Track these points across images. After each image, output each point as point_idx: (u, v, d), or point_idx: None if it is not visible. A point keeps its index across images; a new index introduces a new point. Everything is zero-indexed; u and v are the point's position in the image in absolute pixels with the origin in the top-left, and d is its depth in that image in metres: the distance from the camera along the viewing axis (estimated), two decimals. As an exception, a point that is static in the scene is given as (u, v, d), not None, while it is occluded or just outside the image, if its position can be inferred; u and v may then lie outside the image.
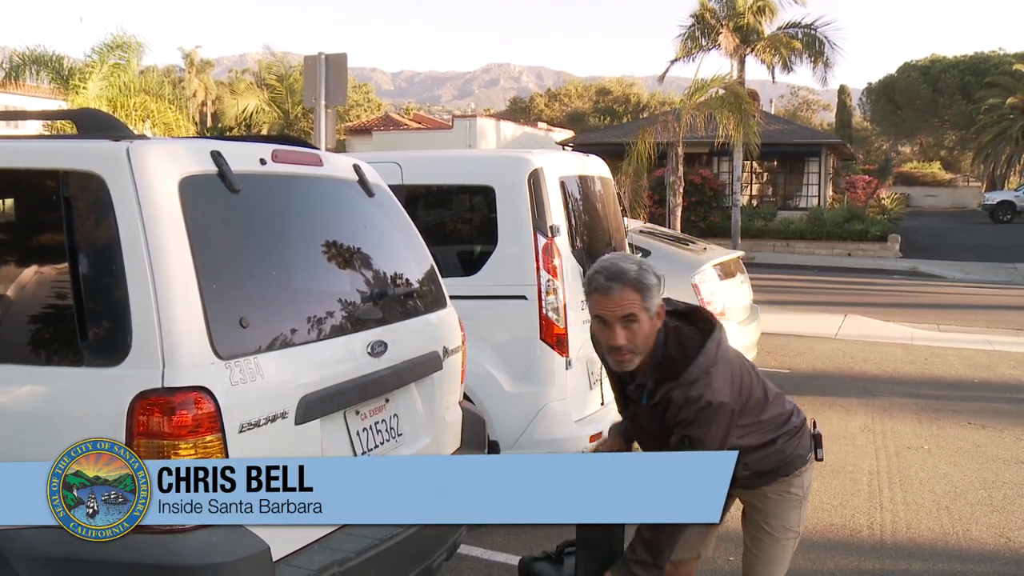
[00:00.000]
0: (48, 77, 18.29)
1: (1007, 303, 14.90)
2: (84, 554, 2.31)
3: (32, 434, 2.44)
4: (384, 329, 3.07)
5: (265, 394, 2.52)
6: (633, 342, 2.42)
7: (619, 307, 2.39)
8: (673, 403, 2.44)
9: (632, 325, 2.40)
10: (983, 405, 7.41)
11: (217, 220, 2.65)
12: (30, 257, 2.69)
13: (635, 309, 2.39)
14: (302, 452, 2.60)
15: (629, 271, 2.41)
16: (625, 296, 2.39)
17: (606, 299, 2.41)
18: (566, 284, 4.61)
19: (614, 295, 2.39)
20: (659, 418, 2.49)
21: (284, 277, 2.94)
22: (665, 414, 2.47)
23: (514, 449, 4.55)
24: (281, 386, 2.59)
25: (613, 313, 2.40)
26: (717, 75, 19.02)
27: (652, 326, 2.45)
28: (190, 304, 2.38)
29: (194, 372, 2.34)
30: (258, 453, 2.40)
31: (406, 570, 2.86)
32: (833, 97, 56.64)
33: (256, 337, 2.58)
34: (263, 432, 2.49)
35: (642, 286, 2.40)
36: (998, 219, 33.34)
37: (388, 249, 3.49)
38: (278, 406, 2.56)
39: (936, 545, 4.52)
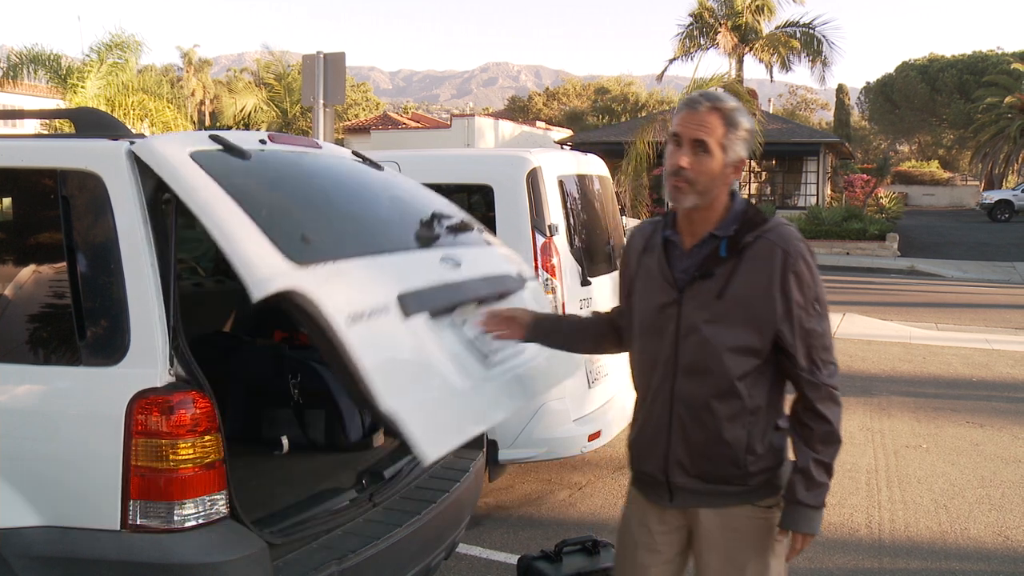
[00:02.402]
0: (46, 76, 18.29)
1: (1005, 302, 14.91)
2: (82, 553, 2.32)
3: (31, 434, 2.44)
4: (450, 249, 3.07)
5: (357, 289, 2.43)
6: (696, 172, 2.14)
7: (698, 127, 2.14)
8: (770, 248, 2.13)
9: (702, 154, 2.14)
10: (981, 404, 7.42)
11: (239, 171, 2.61)
12: (28, 256, 2.69)
13: (711, 138, 2.13)
14: (419, 347, 2.54)
15: (727, 100, 2.18)
16: (709, 119, 2.14)
17: (689, 113, 2.16)
18: (564, 283, 4.61)
19: (699, 111, 2.15)
20: (740, 288, 2.15)
21: (330, 207, 2.98)
22: (752, 275, 2.14)
23: (512, 448, 4.55)
24: (371, 283, 2.51)
25: (688, 131, 2.15)
26: (716, 74, 19.08)
27: (723, 170, 2.17)
28: (249, 230, 2.28)
29: (279, 280, 2.20)
30: (375, 346, 2.32)
31: (405, 569, 2.86)
32: (831, 96, 56.67)
33: (325, 249, 2.53)
34: (373, 324, 2.38)
35: (731, 120, 2.15)
36: (996, 218, 33.37)
37: (419, 195, 3.53)
38: (378, 300, 2.46)
39: (934, 544, 4.52)
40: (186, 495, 2.33)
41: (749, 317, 2.15)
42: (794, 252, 2.13)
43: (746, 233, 2.17)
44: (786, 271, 2.12)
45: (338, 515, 2.83)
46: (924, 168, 53.46)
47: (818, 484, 2.20)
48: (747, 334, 2.16)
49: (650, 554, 2.39)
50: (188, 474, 2.33)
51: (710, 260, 2.19)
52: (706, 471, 2.25)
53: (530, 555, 3.53)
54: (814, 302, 2.16)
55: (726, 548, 2.29)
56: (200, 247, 5.06)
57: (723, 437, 2.20)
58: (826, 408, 2.20)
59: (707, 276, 2.18)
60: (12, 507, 2.38)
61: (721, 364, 2.18)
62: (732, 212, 2.22)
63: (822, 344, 2.18)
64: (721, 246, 2.18)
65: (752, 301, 2.15)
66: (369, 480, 3.14)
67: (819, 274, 2.19)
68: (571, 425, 4.65)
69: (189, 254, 4.88)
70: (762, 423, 2.23)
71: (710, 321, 2.18)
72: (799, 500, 2.20)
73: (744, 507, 2.27)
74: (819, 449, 2.21)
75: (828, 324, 2.21)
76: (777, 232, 2.17)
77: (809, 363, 2.17)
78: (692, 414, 2.23)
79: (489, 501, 4.95)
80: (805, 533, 2.23)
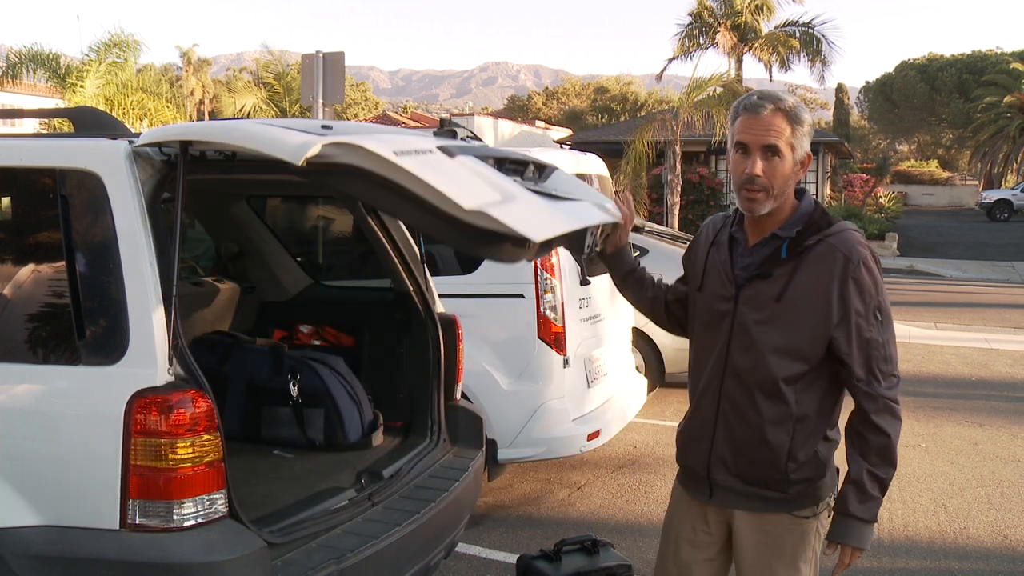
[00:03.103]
0: (45, 75, 18.28)
1: (1004, 301, 14.92)
2: (82, 552, 2.32)
3: (30, 433, 2.43)
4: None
5: (398, 143, 2.27)
6: (771, 177, 2.10)
7: (766, 132, 2.09)
8: (831, 253, 2.09)
9: (773, 158, 2.10)
10: (980, 403, 7.43)
11: None
12: (27, 255, 2.68)
13: (781, 141, 2.09)
14: (480, 172, 2.40)
15: (786, 99, 2.13)
16: (775, 121, 2.09)
17: (754, 119, 2.10)
18: (563, 282, 4.61)
19: (763, 115, 2.10)
20: (798, 291, 2.11)
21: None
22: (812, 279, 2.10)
23: (511, 448, 4.56)
24: (410, 139, 2.42)
25: (757, 138, 2.10)
26: (715, 73, 19.02)
27: (793, 170, 2.13)
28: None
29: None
30: (432, 168, 2.18)
31: (404, 568, 2.86)
32: (831, 95, 56.65)
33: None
34: (421, 158, 2.25)
35: (795, 118, 2.11)
36: (995, 217, 33.37)
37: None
38: (419, 145, 2.36)
39: (933, 543, 4.52)
40: (185, 494, 2.33)
41: (802, 321, 2.12)
42: (856, 258, 2.09)
43: (809, 236, 2.13)
44: (846, 277, 2.08)
45: (337, 514, 2.83)
46: (923, 168, 53.47)
47: (871, 497, 2.15)
48: (798, 338, 2.13)
49: (693, 549, 2.38)
50: (187, 473, 2.33)
51: (769, 261, 2.17)
52: (746, 471, 2.23)
53: (529, 554, 3.53)
54: (875, 311, 2.11)
55: (759, 554, 2.26)
56: (200, 247, 5.07)
57: (766, 439, 2.17)
58: (883, 421, 2.14)
59: (765, 276, 2.15)
60: (11, 506, 2.37)
61: (766, 366, 2.15)
62: (798, 213, 2.18)
63: (883, 355, 2.13)
64: (782, 248, 2.15)
65: (808, 305, 2.11)
66: (368, 479, 3.14)
67: (883, 281, 2.14)
68: (570, 425, 4.65)
69: (189, 254, 4.88)
70: (808, 431, 2.19)
71: (761, 322, 2.16)
72: (851, 512, 2.14)
73: (781, 515, 2.23)
74: (874, 462, 2.15)
75: (891, 334, 2.15)
76: (840, 237, 2.12)
77: (867, 373, 2.12)
78: (737, 413, 2.21)
79: (488, 500, 4.95)
80: (855, 547, 2.17)
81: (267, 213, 4.96)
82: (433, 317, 3.67)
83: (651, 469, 5.60)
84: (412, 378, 3.72)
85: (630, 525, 4.61)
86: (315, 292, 4.63)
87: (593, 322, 4.98)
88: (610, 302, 5.29)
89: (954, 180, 52.92)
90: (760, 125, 2.10)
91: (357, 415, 3.63)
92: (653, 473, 5.51)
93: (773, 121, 2.10)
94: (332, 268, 5.54)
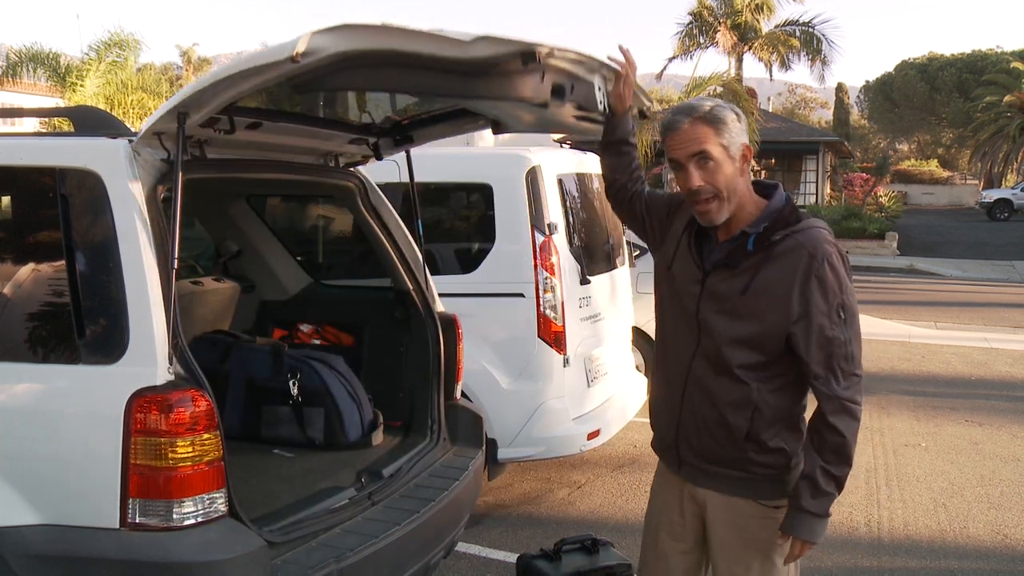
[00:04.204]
0: (45, 74, 18.25)
1: (1004, 301, 14.91)
2: (82, 552, 2.32)
3: (30, 432, 2.43)
4: None
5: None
6: (712, 183, 2.12)
7: (689, 143, 2.12)
8: (796, 249, 2.09)
9: (707, 164, 2.11)
10: (980, 403, 7.43)
11: None
12: (27, 254, 2.68)
13: (707, 145, 2.11)
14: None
15: (701, 106, 2.15)
16: (695, 130, 2.12)
17: (675, 135, 2.15)
18: (564, 282, 4.61)
19: (683, 129, 2.13)
20: (762, 284, 2.13)
21: None
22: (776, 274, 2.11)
23: (511, 447, 4.56)
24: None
25: (684, 151, 2.13)
26: (715, 73, 19.05)
27: (735, 168, 2.14)
28: None
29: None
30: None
31: (404, 567, 2.86)
32: (831, 95, 56.64)
33: None
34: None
35: (714, 119, 2.12)
36: (995, 217, 33.37)
37: None
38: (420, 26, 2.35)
39: (933, 542, 4.52)
40: (185, 493, 2.33)
41: (764, 315, 2.14)
42: (820, 255, 2.09)
43: (776, 231, 2.14)
44: (809, 274, 2.08)
45: (337, 513, 2.83)
46: (923, 167, 53.42)
47: (824, 493, 2.17)
48: (758, 331, 2.15)
49: (671, 540, 2.44)
50: (187, 472, 2.33)
51: (737, 252, 2.18)
52: (709, 450, 2.28)
53: (529, 554, 3.53)
54: (839, 309, 2.10)
55: (732, 545, 2.30)
56: (200, 246, 5.06)
57: (726, 420, 2.22)
58: (839, 421, 2.12)
59: (732, 268, 2.17)
60: (11, 506, 2.37)
61: (727, 353, 2.18)
62: (768, 209, 2.19)
63: (844, 353, 2.11)
64: (749, 241, 2.16)
65: (770, 300, 2.13)
66: (368, 479, 3.14)
67: (849, 279, 2.14)
68: (570, 424, 4.65)
69: (189, 253, 4.88)
70: (768, 419, 2.21)
71: (724, 312, 2.18)
72: (803, 507, 2.17)
73: (749, 502, 2.27)
74: (829, 460, 2.15)
75: (855, 333, 2.13)
76: (807, 234, 2.12)
77: (826, 371, 2.11)
78: (702, 393, 2.25)
79: (488, 500, 4.95)
80: (804, 540, 2.20)
81: (267, 212, 4.96)
82: (433, 316, 3.67)
83: (651, 468, 5.56)
84: (412, 377, 3.72)
85: (630, 524, 4.61)
86: (315, 291, 4.63)
87: (593, 321, 4.98)
88: (610, 302, 5.29)
89: (954, 179, 52.88)
90: (682, 139, 2.14)
91: (357, 414, 3.63)
92: (653, 472, 5.50)
93: (693, 131, 2.13)
94: (332, 267, 5.54)
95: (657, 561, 2.47)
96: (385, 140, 3.51)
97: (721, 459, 2.27)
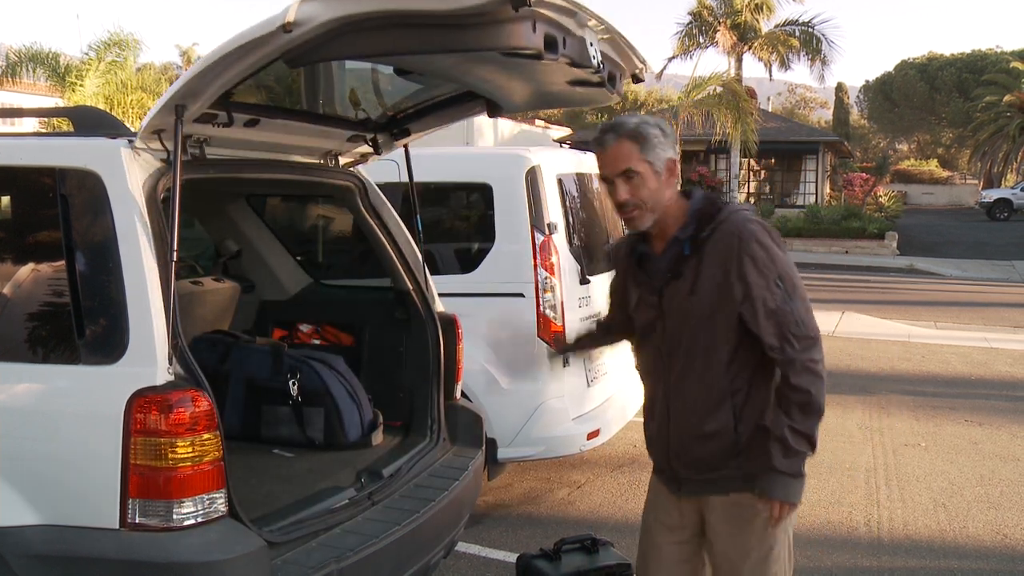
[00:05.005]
0: (45, 74, 18.26)
1: (1004, 300, 14.91)
2: (81, 552, 2.31)
3: (30, 432, 2.43)
4: None
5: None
6: (637, 196, 2.24)
7: (615, 161, 2.25)
8: (725, 238, 2.22)
9: (632, 179, 2.23)
10: (980, 402, 7.43)
11: None
12: (27, 254, 2.68)
13: (632, 163, 2.23)
14: None
15: (627, 123, 2.27)
16: (621, 148, 2.24)
17: (603, 153, 2.27)
18: (563, 281, 4.61)
19: (610, 148, 2.25)
20: (706, 281, 2.24)
21: None
22: (714, 266, 2.22)
23: (511, 447, 4.56)
24: None
25: (611, 168, 2.26)
26: (715, 73, 19.08)
27: (659, 182, 2.25)
28: None
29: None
30: None
31: (404, 567, 2.86)
32: (831, 95, 56.66)
33: None
34: None
35: (639, 136, 2.23)
36: (995, 217, 33.39)
37: None
38: None
39: (933, 542, 4.52)
40: (185, 494, 2.33)
41: (716, 307, 2.24)
42: (746, 235, 2.21)
43: (704, 228, 2.26)
44: (741, 256, 2.20)
45: (337, 514, 2.83)
46: (923, 167, 53.47)
47: (795, 452, 2.23)
48: (712, 324, 2.26)
49: (666, 531, 2.52)
50: (187, 473, 2.33)
51: (677, 261, 2.29)
52: (700, 459, 2.35)
53: (529, 554, 3.53)
54: (777, 280, 2.20)
55: (730, 532, 2.37)
56: (200, 246, 5.06)
57: (713, 421, 2.30)
58: (802, 380, 2.21)
59: (678, 276, 2.28)
60: (11, 506, 2.37)
61: (693, 360, 2.29)
62: (690, 212, 2.30)
63: (792, 320, 2.20)
64: (685, 246, 2.28)
65: (716, 291, 2.24)
66: (368, 479, 3.14)
67: (782, 251, 2.24)
68: (570, 424, 4.65)
69: (189, 253, 4.88)
70: (752, 406, 2.30)
71: (685, 317, 2.29)
72: (775, 467, 2.24)
73: (745, 494, 2.33)
74: (795, 417, 2.22)
75: (800, 299, 2.23)
76: (730, 221, 2.25)
77: (780, 341, 2.21)
78: (682, 405, 2.35)
79: (488, 500, 4.96)
80: (782, 500, 2.26)
81: (267, 212, 4.96)
82: (433, 316, 3.67)
83: (650, 468, 5.59)
84: (412, 377, 3.72)
85: (630, 524, 4.60)
86: (315, 291, 4.63)
87: (593, 321, 4.97)
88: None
89: (954, 179, 52.94)
90: (609, 157, 2.27)
91: (357, 414, 3.63)
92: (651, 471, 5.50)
93: (619, 150, 2.25)
94: (332, 267, 5.53)
95: (651, 550, 2.56)
96: (383, 136, 3.52)
97: (718, 465, 2.34)
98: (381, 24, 2.18)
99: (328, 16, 2.14)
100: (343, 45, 2.26)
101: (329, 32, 2.19)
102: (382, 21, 2.17)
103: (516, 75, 2.83)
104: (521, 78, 2.88)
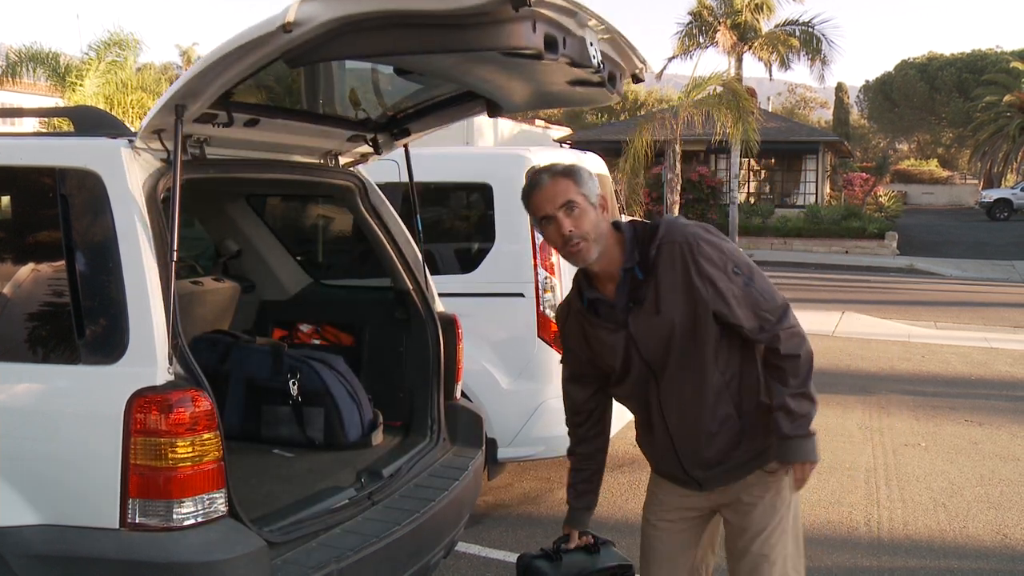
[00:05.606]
0: (45, 74, 18.27)
1: (1004, 300, 14.91)
2: (81, 552, 2.31)
3: (29, 432, 2.43)
4: None
5: None
6: (580, 228, 2.31)
7: (555, 195, 2.32)
8: (673, 250, 2.29)
9: (574, 211, 2.31)
10: (980, 402, 7.43)
11: None
12: (27, 254, 2.68)
13: (572, 195, 2.31)
14: None
15: (557, 165, 2.40)
16: (557, 185, 2.33)
17: (541, 192, 2.34)
18: (563, 281, 4.61)
19: (547, 186, 2.34)
20: (667, 295, 2.30)
21: None
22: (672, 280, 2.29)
23: (511, 447, 4.55)
24: None
25: (552, 203, 2.32)
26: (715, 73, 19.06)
27: (596, 214, 2.35)
28: None
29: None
30: None
31: (404, 567, 2.86)
32: (831, 95, 56.64)
33: None
34: None
35: (572, 174, 2.35)
36: (995, 216, 33.38)
37: None
38: None
39: (933, 542, 4.52)
40: (185, 494, 2.32)
41: (687, 314, 2.29)
42: (692, 240, 2.28)
43: (647, 250, 2.32)
44: (695, 259, 2.26)
45: (337, 514, 2.83)
46: (923, 167, 53.47)
47: (799, 415, 2.31)
48: (693, 328, 2.30)
49: (668, 525, 2.64)
50: (187, 473, 2.33)
51: (634, 288, 2.34)
52: (711, 457, 2.43)
53: (529, 553, 3.51)
54: (733, 270, 2.29)
55: (745, 511, 2.46)
56: (200, 246, 5.06)
57: (712, 430, 2.38)
58: (789, 346, 2.29)
59: (640, 303, 2.33)
60: (11, 506, 2.37)
61: (683, 366, 2.34)
62: (628, 242, 2.37)
63: (760, 298, 2.29)
64: (636, 271, 2.33)
65: (682, 302, 2.29)
66: (368, 479, 3.14)
67: (726, 242, 2.34)
68: (570, 424, 4.64)
69: (189, 253, 4.88)
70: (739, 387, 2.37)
71: (659, 336, 2.33)
72: (786, 434, 2.31)
73: (756, 473, 2.43)
74: (791, 383, 2.30)
75: (758, 276, 2.32)
76: (670, 232, 2.31)
77: (757, 321, 2.29)
78: (679, 421, 2.41)
79: (488, 499, 4.96)
80: (802, 462, 2.34)
81: (267, 212, 4.95)
82: (433, 316, 3.67)
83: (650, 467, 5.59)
84: (412, 377, 3.72)
85: (630, 524, 4.60)
86: (315, 291, 4.63)
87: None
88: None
89: (954, 179, 52.94)
90: (548, 194, 2.33)
91: (357, 414, 3.63)
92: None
93: (556, 186, 2.32)
94: (332, 267, 5.53)
95: (652, 547, 2.67)
96: (383, 136, 3.52)
97: (731, 453, 2.42)
98: (381, 24, 2.18)
99: (328, 16, 2.14)
100: (343, 45, 2.26)
101: (329, 32, 2.20)
102: (382, 21, 2.18)
103: (516, 75, 2.83)
104: (521, 78, 2.88)
